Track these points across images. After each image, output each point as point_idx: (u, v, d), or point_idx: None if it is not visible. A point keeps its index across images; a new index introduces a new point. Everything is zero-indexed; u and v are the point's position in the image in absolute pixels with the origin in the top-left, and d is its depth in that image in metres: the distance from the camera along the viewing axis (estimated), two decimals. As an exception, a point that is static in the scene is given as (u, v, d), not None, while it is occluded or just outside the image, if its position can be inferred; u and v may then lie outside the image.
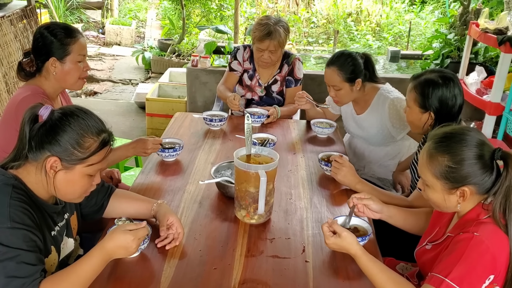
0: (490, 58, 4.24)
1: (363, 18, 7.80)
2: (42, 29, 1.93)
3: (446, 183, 1.32)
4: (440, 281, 1.22)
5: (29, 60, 1.95)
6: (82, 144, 1.29)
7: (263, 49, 2.66)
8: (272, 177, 1.62)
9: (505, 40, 3.18)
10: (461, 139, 1.31)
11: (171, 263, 1.43)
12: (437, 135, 1.36)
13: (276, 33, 2.61)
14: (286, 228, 1.65)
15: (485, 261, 1.22)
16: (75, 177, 1.31)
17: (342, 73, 2.28)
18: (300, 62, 2.86)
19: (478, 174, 1.29)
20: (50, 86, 1.97)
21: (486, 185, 1.30)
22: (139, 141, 2.02)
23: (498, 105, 3.31)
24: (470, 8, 4.27)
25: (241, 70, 2.88)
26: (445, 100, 1.79)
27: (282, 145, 2.34)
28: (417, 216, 1.64)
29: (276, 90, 2.86)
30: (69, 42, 1.93)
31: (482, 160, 1.29)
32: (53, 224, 1.38)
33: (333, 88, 2.34)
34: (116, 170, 2.28)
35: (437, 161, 1.32)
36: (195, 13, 7.21)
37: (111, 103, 5.28)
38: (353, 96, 2.38)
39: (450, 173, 1.31)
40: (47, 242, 1.32)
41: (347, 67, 2.28)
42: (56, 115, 1.30)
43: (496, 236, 1.25)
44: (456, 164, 1.29)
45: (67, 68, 1.94)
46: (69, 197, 1.38)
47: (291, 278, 1.40)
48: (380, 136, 2.40)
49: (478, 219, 1.30)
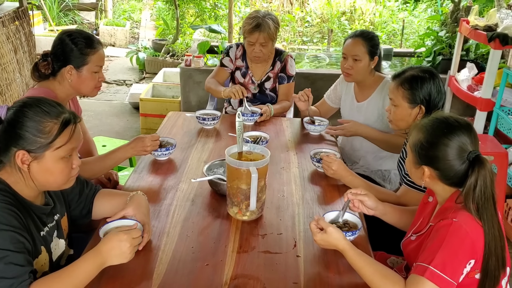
0: (481, 55, 4.27)
1: (357, 17, 7.82)
2: (64, 36, 1.95)
3: (414, 156, 1.42)
4: (424, 269, 1.25)
5: (46, 62, 1.96)
6: (43, 130, 1.29)
7: (253, 42, 2.68)
8: (264, 174, 1.63)
9: (495, 36, 3.22)
10: (446, 126, 1.37)
11: (163, 260, 1.44)
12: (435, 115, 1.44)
13: (265, 25, 2.64)
14: (278, 224, 1.67)
15: (465, 246, 1.25)
16: (48, 164, 1.32)
17: (367, 44, 2.36)
18: (292, 59, 2.89)
19: (441, 161, 1.35)
20: (62, 91, 1.98)
21: (449, 175, 1.36)
22: (137, 140, 1.99)
23: (489, 101, 3.35)
24: (460, 5, 4.30)
25: (232, 67, 2.90)
26: (433, 92, 1.84)
27: (275, 143, 2.36)
28: (411, 215, 1.66)
29: (269, 87, 2.88)
30: (89, 53, 1.94)
31: (452, 152, 1.34)
32: (41, 225, 1.38)
33: (353, 58, 2.38)
34: (115, 172, 2.29)
35: (417, 134, 1.41)
36: (189, 13, 7.22)
37: (105, 104, 5.28)
38: (365, 74, 2.42)
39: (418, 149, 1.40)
40: (36, 243, 1.33)
41: (372, 40, 2.38)
42: (11, 111, 1.31)
43: (472, 222, 1.28)
44: (426, 144, 1.38)
45: (83, 77, 1.96)
46: (54, 185, 1.38)
47: (283, 272, 1.42)
48: (379, 125, 2.42)
49: (455, 206, 1.33)
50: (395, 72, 1.95)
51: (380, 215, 1.65)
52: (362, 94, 2.51)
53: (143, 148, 1.97)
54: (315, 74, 4.12)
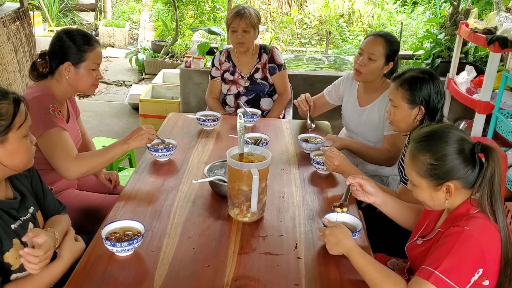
0: (479, 58, 4.29)
1: (355, 19, 7.84)
2: (62, 33, 1.96)
3: (431, 181, 1.36)
4: (430, 273, 1.25)
5: (44, 61, 1.96)
6: (0, 112, 1.29)
7: (236, 27, 2.83)
8: (265, 175, 1.64)
9: (494, 39, 3.23)
10: (440, 136, 1.35)
11: (165, 261, 1.45)
12: (417, 135, 1.41)
13: (246, 11, 2.83)
14: (279, 226, 1.67)
15: (474, 255, 1.24)
16: (14, 145, 1.33)
17: (387, 46, 2.30)
18: (277, 50, 3.04)
19: (460, 168, 1.32)
20: (60, 89, 1.98)
21: (470, 178, 1.33)
22: (133, 132, 1.98)
23: (488, 104, 3.36)
24: (460, 8, 4.32)
25: (219, 74, 3.04)
26: (432, 93, 1.84)
27: (275, 144, 2.36)
28: (412, 212, 1.66)
29: (259, 77, 3.00)
30: (87, 50, 1.96)
31: (462, 155, 1.32)
32: (11, 219, 1.37)
33: (368, 56, 2.32)
34: (115, 173, 2.30)
35: (419, 160, 1.36)
36: (188, 14, 7.23)
37: (105, 105, 5.28)
38: (375, 77, 2.38)
39: (432, 170, 1.34)
40: (4, 237, 1.32)
41: (393, 45, 2.33)
42: None
43: (486, 230, 1.28)
44: (437, 161, 1.33)
45: (81, 74, 1.97)
46: (20, 166, 1.39)
47: (284, 274, 1.42)
48: (377, 132, 2.43)
49: (468, 213, 1.33)
50: (395, 74, 1.96)
51: (380, 203, 1.65)
52: (365, 98, 2.48)
53: (139, 135, 1.95)
54: (313, 76, 4.13)
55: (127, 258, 1.45)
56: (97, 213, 1.94)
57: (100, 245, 1.48)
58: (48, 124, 1.82)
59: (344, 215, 1.62)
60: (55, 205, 1.59)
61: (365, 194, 1.65)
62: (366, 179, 1.65)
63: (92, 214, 1.97)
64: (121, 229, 1.51)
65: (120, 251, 1.43)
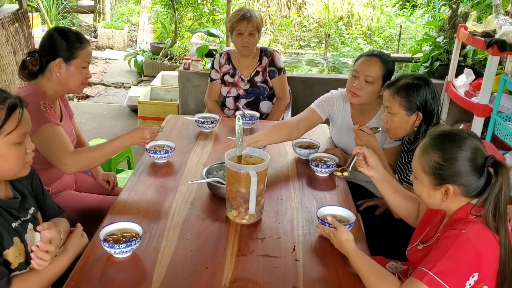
0: (478, 61, 4.30)
1: (354, 22, 7.86)
2: (53, 31, 1.97)
3: (432, 179, 1.36)
4: (424, 274, 1.25)
5: (34, 59, 1.96)
6: None
7: (242, 30, 2.82)
8: (263, 177, 1.64)
9: (493, 42, 3.24)
10: (455, 139, 1.33)
11: (163, 262, 1.44)
12: (435, 132, 1.40)
13: (252, 15, 2.82)
14: (277, 228, 1.67)
15: (470, 258, 1.24)
16: (1, 151, 1.30)
17: (384, 67, 2.14)
18: (278, 53, 3.04)
19: (465, 175, 1.31)
20: (51, 88, 1.98)
21: (472, 188, 1.32)
22: (137, 131, 1.94)
23: (486, 107, 3.37)
24: (458, 11, 4.33)
25: (219, 76, 3.03)
26: (429, 98, 1.86)
27: (274, 147, 2.36)
28: (410, 202, 1.67)
29: (259, 80, 3.00)
30: (78, 47, 1.96)
31: (472, 164, 1.30)
32: (12, 218, 1.36)
33: (365, 79, 2.14)
34: (113, 174, 2.30)
35: (428, 156, 1.35)
36: (187, 16, 7.23)
37: (104, 106, 5.28)
38: (372, 99, 2.22)
39: (437, 170, 1.34)
40: (4, 235, 1.31)
41: (389, 64, 2.17)
42: None
43: (483, 235, 1.27)
44: (445, 162, 1.32)
45: (72, 71, 1.97)
46: (10, 173, 1.36)
47: (282, 276, 1.42)
48: None
49: (467, 218, 1.32)
50: (388, 81, 1.96)
51: (378, 179, 1.67)
52: (360, 119, 2.32)
53: (142, 139, 1.94)
54: (312, 79, 4.13)
55: (125, 259, 1.45)
56: (95, 214, 1.93)
57: (98, 246, 1.47)
58: (41, 121, 1.82)
59: (338, 209, 1.67)
60: (54, 209, 1.59)
61: (366, 166, 1.67)
62: (372, 152, 1.68)
63: (90, 215, 1.97)
64: (119, 231, 1.51)
65: (118, 252, 1.43)
